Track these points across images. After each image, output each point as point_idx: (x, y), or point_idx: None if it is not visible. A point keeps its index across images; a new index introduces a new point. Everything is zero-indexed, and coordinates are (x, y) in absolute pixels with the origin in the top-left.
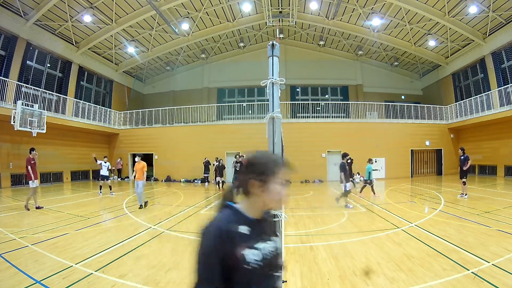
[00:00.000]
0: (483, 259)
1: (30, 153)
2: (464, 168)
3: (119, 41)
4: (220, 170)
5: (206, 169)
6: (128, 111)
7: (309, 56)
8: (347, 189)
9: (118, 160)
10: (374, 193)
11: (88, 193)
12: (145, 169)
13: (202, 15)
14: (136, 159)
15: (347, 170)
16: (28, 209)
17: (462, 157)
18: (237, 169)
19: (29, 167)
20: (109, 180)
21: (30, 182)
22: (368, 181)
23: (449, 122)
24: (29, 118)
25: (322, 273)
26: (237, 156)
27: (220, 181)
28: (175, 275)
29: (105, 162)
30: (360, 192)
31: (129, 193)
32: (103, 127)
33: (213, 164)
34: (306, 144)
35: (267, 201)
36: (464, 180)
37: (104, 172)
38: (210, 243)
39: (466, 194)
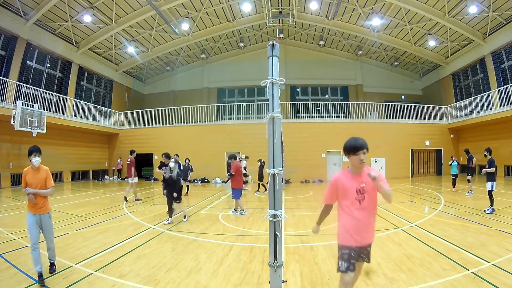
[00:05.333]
0: (483, 259)
1: (131, 154)
2: (470, 166)
3: (119, 41)
4: (185, 172)
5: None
6: (128, 111)
7: (309, 56)
8: (493, 188)
9: (118, 160)
10: (454, 187)
11: (88, 193)
12: (51, 181)
13: (202, 15)
14: (35, 160)
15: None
16: (137, 199)
17: (467, 158)
18: (165, 176)
19: (133, 168)
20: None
21: (130, 179)
22: (455, 175)
23: (449, 122)
24: (29, 118)
25: (322, 273)
26: (172, 156)
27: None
28: (175, 275)
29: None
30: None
31: (128, 193)
32: (103, 127)
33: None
34: (306, 144)
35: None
36: (468, 178)
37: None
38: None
39: (468, 192)
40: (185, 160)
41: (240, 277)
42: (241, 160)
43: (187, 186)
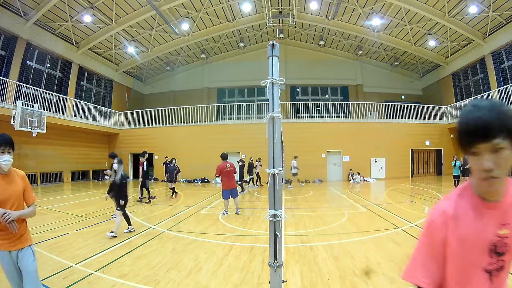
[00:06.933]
0: None
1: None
2: (466, 167)
3: (119, 41)
4: (171, 173)
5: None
6: (128, 111)
7: (309, 56)
8: None
9: None
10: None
11: (88, 193)
12: (32, 194)
13: (202, 15)
14: (3, 160)
15: None
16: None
17: (465, 157)
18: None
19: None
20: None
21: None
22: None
23: (449, 122)
24: (29, 118)
25: (322, 273)
26: (118, 155)
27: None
28: (175, 275)
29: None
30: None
31: (128, 193)
32: (103, 127)
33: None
34: (306, 144)
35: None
36: (466, 178)
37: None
38: None
39: None
40: (172, 160)
41: (240, 277)
42: (256, 161)
43: (173, 188)
